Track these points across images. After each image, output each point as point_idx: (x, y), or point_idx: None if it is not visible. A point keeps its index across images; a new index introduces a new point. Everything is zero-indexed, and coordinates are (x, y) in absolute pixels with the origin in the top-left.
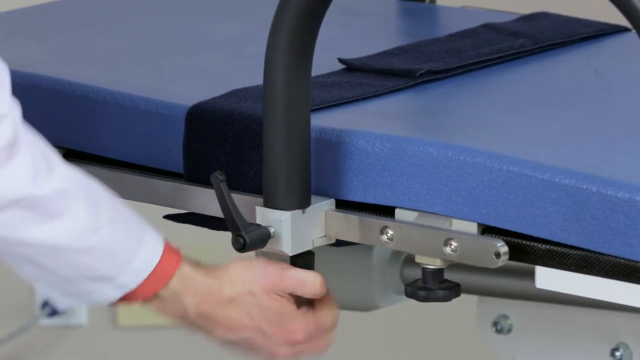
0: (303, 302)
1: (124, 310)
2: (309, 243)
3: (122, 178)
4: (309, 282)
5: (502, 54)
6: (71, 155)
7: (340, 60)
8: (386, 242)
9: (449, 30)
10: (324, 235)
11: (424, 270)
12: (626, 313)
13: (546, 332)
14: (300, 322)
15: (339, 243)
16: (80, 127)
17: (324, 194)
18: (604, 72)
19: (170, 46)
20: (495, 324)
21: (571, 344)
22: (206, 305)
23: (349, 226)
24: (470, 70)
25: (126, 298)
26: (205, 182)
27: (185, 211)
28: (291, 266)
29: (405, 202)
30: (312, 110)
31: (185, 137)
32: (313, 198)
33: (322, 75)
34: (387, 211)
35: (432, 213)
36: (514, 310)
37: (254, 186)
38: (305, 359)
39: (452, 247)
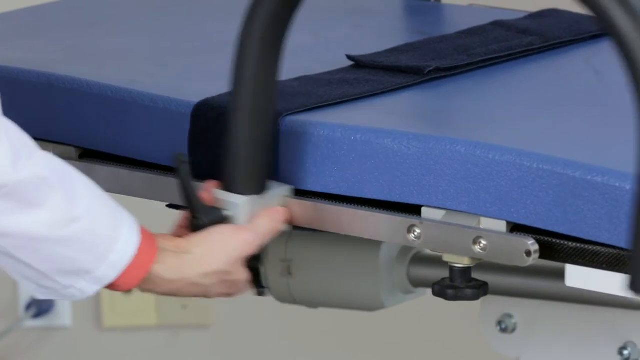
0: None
1: (108, 311)
2: None
3: (131, 175)
4: (267, 233)
5: (511, 52)
6: (88, 155)
7: (349, 57)
8: (413, 240)
9: (457, 28)
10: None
11: (452, 268)
12: (635, 311)
13: (551, 331)
14: (245, 283)
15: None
16: (98, 127)
17: (350, 193)
18: (615, 69)
19: (184, 45)
20: (499, 323)
21: (577, 342)
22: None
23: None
24: (479, 68)
25: (109, 288)
26: (211, 178)
27: None
28: (250, 227)
29: (432, 201)
30: (321, 107)
31: (191, 133)
32: (271, 184)
33: (329, 72)
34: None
35: (460, 211)
36: (518, 309)
37: None
38: None
39: (482, 245)
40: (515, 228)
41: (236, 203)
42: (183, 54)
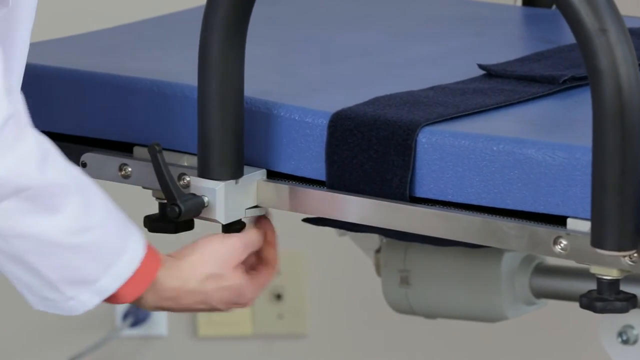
0: (250, 262)
1: (204, 320)
2: (241, 212)
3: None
4: (256, 240)
5: None
6: None
7: (480, 66)
8: (560, 252)
9: None
10: (255, 205)
11: (600, 281)
12: None
13: None
14: (251, 292)
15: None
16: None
17: (492, 204)
18: None
19: (307, 55)
20: (620, 334)
21: None
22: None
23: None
24: None
25: (109, 300)
26: (348, 189)
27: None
28: (234, 234)
29: (579, 212)
30: (457, 117)
31: (328, 144)
32: (245, 169)
33: (463, 82)
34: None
35: None
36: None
37: (399, 193)
38: None
39: (633, 258)
40: None
41: (213, 189)
42: (311, 63)
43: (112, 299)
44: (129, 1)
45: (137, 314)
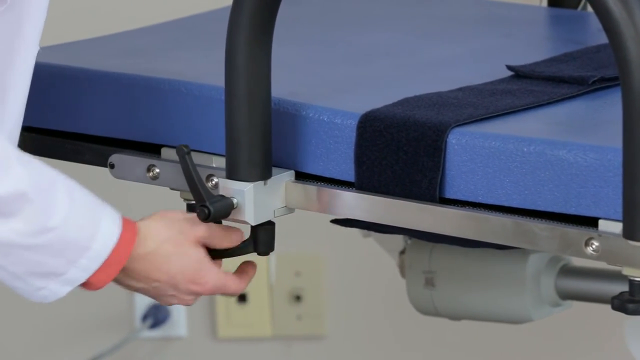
0: (215, 257)
1: (223, 322)
2: (270, 213)
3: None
4: (232, 232)
5: None
6: None
7: (509, 67)
8: (591, 254)
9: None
10: (284, 205)
11: (632, 282)
12: None
13: None
14: (212, 277)
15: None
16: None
17: (523, 205)
18: None
19: (332, 56)
20: None
21: None
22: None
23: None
24: None
25: (84, 286)
26: (377, 190)
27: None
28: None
29: (611, 213)
30: (486, 118)
31: (357, 145)
32: (273, 170)
33: (491, 83)
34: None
35: None
36: None
37: (428, 194)
38: None
39: None
40: None
41: (242, 190)
42: (337, 64)
43: (86, 286)
44: (151, 3)
45: (157, 316)
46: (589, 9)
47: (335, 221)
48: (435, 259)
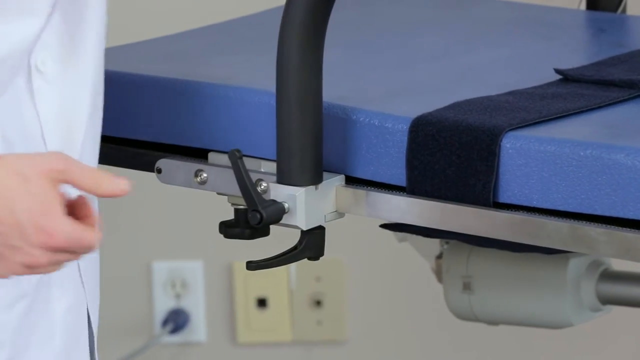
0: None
1: (243, 327)
2: (321, 218)
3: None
4: (98, 176)
5: None
6: None
7: (557, 71)
8: None
9: None
10: (335, 210)
11: None
12: None
13: None
14: (63, 225)
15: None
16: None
17: (579, 209)
18: None
19: (380, 60)
20: None
21: None
22: None
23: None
24: None
25: None
26: (429, 195)
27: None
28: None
29: None
30: (538, 122)
31: (409, 149)
32: (324, 175)
33: (540, 87)
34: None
35: None
36: None
37: (482, 199)
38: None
39: None
40: None
41: (293, 195)
42: (385, 68)
43: None
44: (191, 7)
45: (177, 321)
46: (629, 11)
47: (385, 226)
48: (473, 263)
